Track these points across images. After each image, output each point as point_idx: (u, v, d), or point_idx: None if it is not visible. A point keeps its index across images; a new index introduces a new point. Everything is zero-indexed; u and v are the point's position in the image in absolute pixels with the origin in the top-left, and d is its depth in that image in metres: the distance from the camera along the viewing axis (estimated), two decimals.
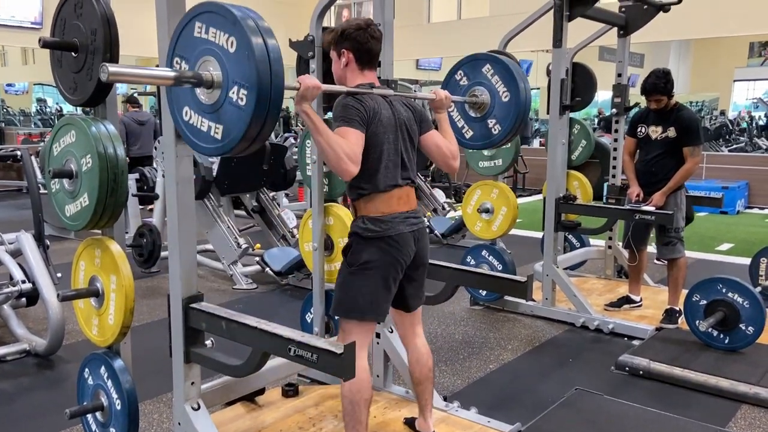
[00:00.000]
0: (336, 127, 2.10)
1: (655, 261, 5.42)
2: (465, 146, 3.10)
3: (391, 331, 2.89)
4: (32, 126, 15.48)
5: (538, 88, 16.02)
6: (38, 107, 17.43)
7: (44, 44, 2.18)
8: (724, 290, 3.51)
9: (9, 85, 18.41)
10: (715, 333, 3.56)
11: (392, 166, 2.24)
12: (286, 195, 8.33)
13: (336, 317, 3.05)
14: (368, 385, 2.25)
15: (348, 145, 2.03)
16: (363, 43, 2.24)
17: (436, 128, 2.46)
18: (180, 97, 1.87)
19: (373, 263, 2.20)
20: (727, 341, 3.53)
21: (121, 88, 11.38)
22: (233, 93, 1.70)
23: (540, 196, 8.93)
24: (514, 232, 4.53)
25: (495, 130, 3.03)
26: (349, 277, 2.25)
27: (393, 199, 2.24)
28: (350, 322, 2.25)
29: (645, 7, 4.46)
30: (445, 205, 6.92)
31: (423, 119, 2.38)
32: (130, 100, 8.72)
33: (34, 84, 18.32)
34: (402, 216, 2.25)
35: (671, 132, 3.95)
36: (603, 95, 11.59)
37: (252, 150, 1.80)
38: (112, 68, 1.60)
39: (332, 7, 2.97)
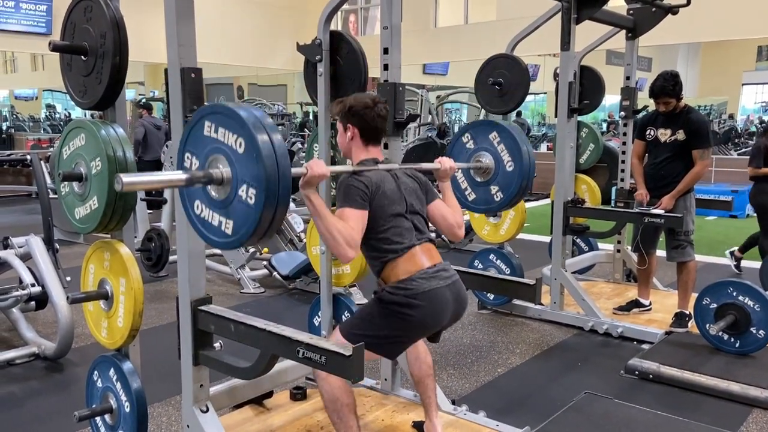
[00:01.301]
0: (338, 208, 2.15)
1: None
2: (466, 208, 3.10)
3: None
4: (41, 132, 15.59)
5: (545, 93, 16.00)
6: (47, 113, 17.57)
7: (54, 47, 2.20)
8: (734, 293, 3.48)
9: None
10: (726, 336, 3.53)
11: (404, 232, 2.25)
12: (293, 199, 8.34)
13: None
14: (346, 391, 2.22)
15: (347, 230, 2.06)
16: (369, 122, 2.31)
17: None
18: (192, 192, 1.90)
19: (398, 333, 2.20)
20: (737, 345, 3.50)
21: (128, 95, 11.43)
22: (242, 191, 1.73)
23: (547, 201, 8.91)
24: (521, 236, 4.52)
25: (497, 197, 3.06)
26: (375, 317, 2.20)
27: (415, 256, 2.23)
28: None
29: (653, 9, 4.45)
30: None
31: (428, 189, 2.43)
32: (146, 106, 8.89)
33: (44, 90, 18.47)
34: (430, 272, 2.22)
35: (680, 135, 3.93)
36: (610, 99, 11.58)
37: (265, 241, 1.83)
38: (126, 179, 1.63)
39: (339, 12, 2.98)
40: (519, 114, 11.13)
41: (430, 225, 2.42)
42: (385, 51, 2.81)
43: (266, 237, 1.79)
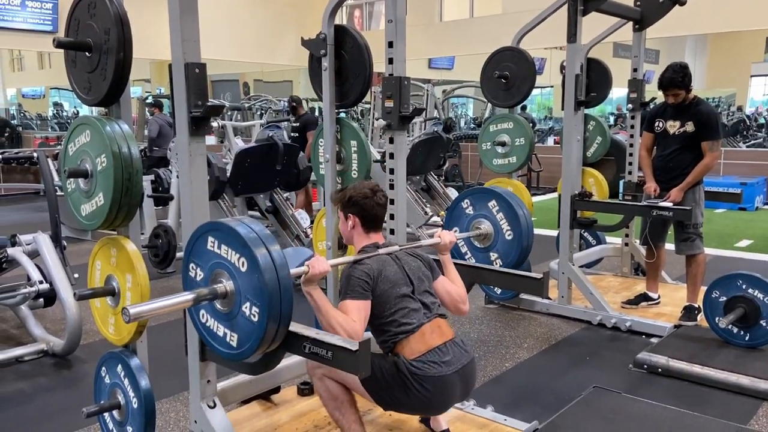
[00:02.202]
0: (341, 300, 2.18)
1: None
2: None
3: None
4: (49, 130, 15.64)
5: (552, 86, 15.91)
6: (55, 111, 17.61)
7: (58, 44, 2.19)
8: (744, 286, 3.46)
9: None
10: (735, 330, 3.51)
11: (412, 313, 2.26)
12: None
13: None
14: (343, 387, 2.27)
15: (348, 323, 2.08)
16: (368, 210, 2.38)
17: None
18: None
19: (400, 401, 2.22)
20: (747, 338, 3.48)
21: (135, 92, 11.44)
22: (246, 308, 1.78)
23: (554, 195, 8.86)
24: None
25: (496, 264, 3.10)
26: (387, 377, 2.20)
27: (425, 335, 2.24)
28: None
29: (661, 0, 4.40)
30: None
31: (432, 267, 2.46)
32: (157, 104, 9.02)
33: (51, 88, 18.52)
34: (441, 353, 2.21)
35: (689, 126, 3.90)
36: (618, 92, 11.49)
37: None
38: (133, 310, 1.68)
39: (343, 7, 2.97)
40: (524, 108, 11.07)
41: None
42: (390, 44, 2.79)
43: (271, 347, 1.83)
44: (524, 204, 3.15)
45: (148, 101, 9.94)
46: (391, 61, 2.80)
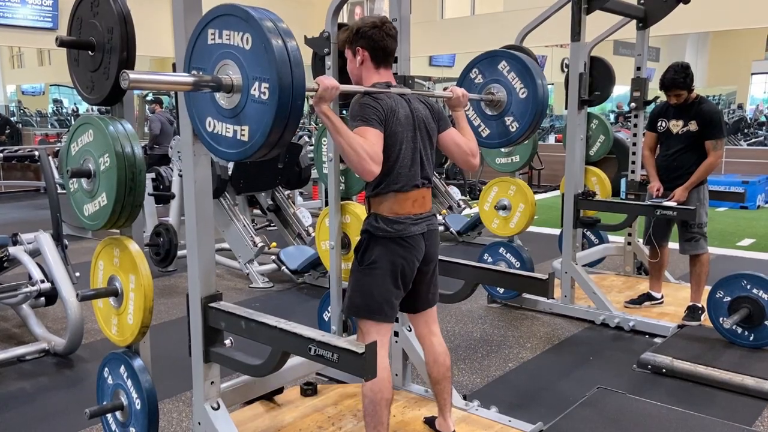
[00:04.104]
0: (354, 126, 2.06)
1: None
2: (482, 145, 3.03)
3: (410, 330, 2.86)
4: (49, 127, 15.62)
5: (552, 84, 15.90)
6: (54, 108, 17.60)
7: (61, 43, 2.18)
8: (748, 286, 3.44)
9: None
10: (740, 330, 3.50)
11: (411, 165, 2.21)
12: (301, 193, 8.33)
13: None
14: (389, 385, 2.22)
15: (369, 145, 2.00)
16: (378, 41, 2.22)
17: (454, 126, 2.43)
18: (202, 108, 1.86)
19: (384, 263, 2.19)
20: (752, 338, 3.46)
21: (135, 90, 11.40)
22: (255, 90, 1.69)
23: (556, 193, 8.85)
24: (530, 228, 4.48)
25: (512, 127, 2.98)
26: (359, 276, 2.24)
27: (408, 201, 2.22)
28: (366, 322, 2.23)
29: None
30: (461, 203, 6.86)
31: (441, 117, 2.35)
32: (157, 101, 9.02)
33: (51, 85, 18.50)
34: (414, 218, 2.23)
35: (693, 126, 3.88)
36: (618, 90, 11.49)
37: (279, 149, 1.77)
38: (132, 75, 1.60)
39: (345, 5, 2.94)
40: None
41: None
42: None
43: (282, 139, 1.71)
44: (534, 63, 3.01)
45: (148, 98, 9.94)
46: (395, 60, 2.77)
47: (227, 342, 2.21)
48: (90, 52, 2.19)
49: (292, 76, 1.64)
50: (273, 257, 5.28)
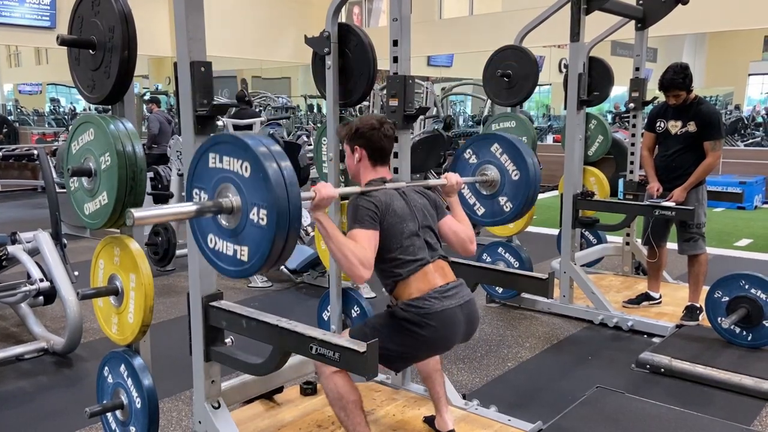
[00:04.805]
0: (349, 229, 2.13)
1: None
2: (476, 222, 3.08)
3: None
4: (46, 126, 15.58)
5: (550, 84, 15.91)
6: (52, 107, 17.55)
7: (62, 42, 2.18)
8: (746, 286, 3.46)
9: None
10: (738, 330, 3.51)
11: (416, 250, 2.24)
12: None
13: (351, 316, 3.05)
14: (351, 388, 2.21)
15: (360, 250, 2.05)
16: (376, 142, 2.33)
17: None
18: (204, 227, 1.91)
19: (407, 350, 2.19)
20: (750, 338, 3.48)
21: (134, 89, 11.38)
22: (254, 215, 1.74)
23: (554, 193, 8.85)
24: (528, 228, 4.49)
25: (506, 207, 3.04)
26: (386, 330, 2.18)
27: (428, 275, 2.22)
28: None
29: None
30: None
31: (438, 206, 2.43)
32: (154, 101, 9.03)
33: (48, 84, 18.45)
34: (443, 290, 2.21)
35: (691, 126, 3.89)
36: (615, 90, 11.51)
37: (279, 265, 1.84)
38: (137, 213, 1.65)
39: (344, 5, 2.95)
40: (519, 105, 11.07)
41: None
42: (395, 43, 2.77)
43: (281, 260, 1.79)
44: (526, 145, 3.06)
45: (145, 98, 9.94)
46: (395, 59, 2.78)
47: (228, 341, 2.21)
48: (91, 51, 2.19)
49: (289, 204, 1.70)
50: None
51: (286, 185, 1.69)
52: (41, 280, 3.61)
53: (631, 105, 4.74)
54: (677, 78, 3.84)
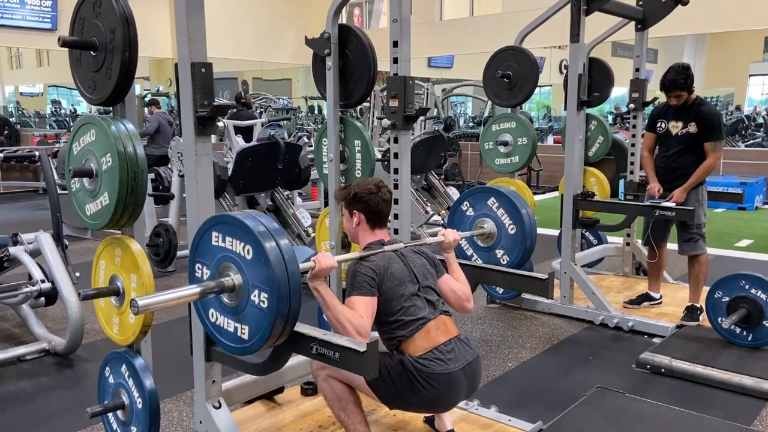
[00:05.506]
0: (348, 296, 2.17)
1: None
2: None
3: None
4: (47, 127, 15.59)
5: (551, 85, 15.91)
6: (53, 109, 17.56)
7: (63, 43, 2.18)
8: (747, 287, 3.46)
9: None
10: (738, 330, 3.51)
11: (417, 310, 2.25)
12: (300, 194, 8.33)
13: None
14: (348, 388, 2.25)
15: (356, 319, 2.08)
16: (374, 206, 2.37)
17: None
18: (207, 300, 1.94)
19: (406, 399, 2.21)
20: (750, 338, 3.48)
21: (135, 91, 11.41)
22: (255, 296, 1.77)
23: (554, 194, 8.86)
24: None
25: (503, 260, 3.11)
26: (391, 373, 2.19)
27: (431, 332, 2.23)
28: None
29: (663, 0, 4.39)
30: None
31: (436, 264, 2.45)
32: (154, 103, 9.06)
33: (49, 86, 18.47)
34: (445, 350, 2.21)
35: (692, 127, 3.90)
36: (616, 91, 11.52)
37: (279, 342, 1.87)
38: (142, 302, 1.69)
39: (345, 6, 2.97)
40: (521, 106, 11.07)
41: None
42: (395, 44, 2.78)
43: (282, 338, 1.82)
44: (522, 198, 3.13)
45: (145, 99, 9.95)
46: (396, 60, 2.79)
47: None
48: (92, 53, 2.19)
49: (290, 289, 1.74)
50: None
51: (288, 271, 1.73)
52: (42, 281, 3.62)
53: (632, 106, 4.74)
54: (679, 78, 3.85)
